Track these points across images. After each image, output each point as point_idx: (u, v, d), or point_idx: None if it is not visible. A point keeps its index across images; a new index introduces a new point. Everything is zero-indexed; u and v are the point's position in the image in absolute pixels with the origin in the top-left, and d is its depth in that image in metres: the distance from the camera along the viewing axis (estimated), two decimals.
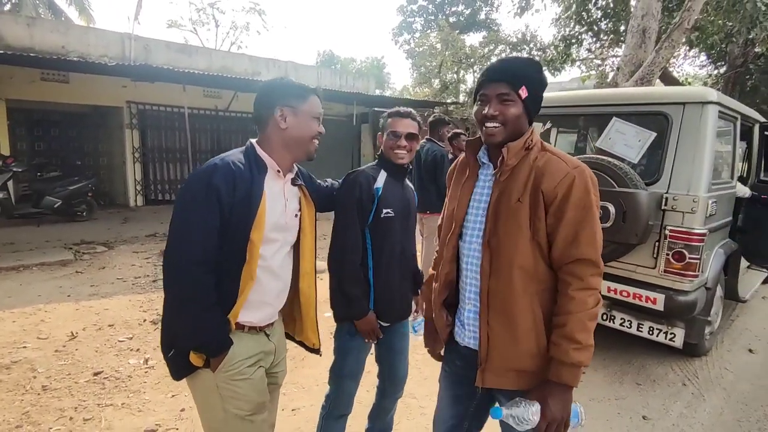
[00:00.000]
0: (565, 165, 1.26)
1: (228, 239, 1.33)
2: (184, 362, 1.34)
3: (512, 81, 1.28)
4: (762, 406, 2.78)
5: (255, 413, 1.43)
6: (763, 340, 3.72)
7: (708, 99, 2.83)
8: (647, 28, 9.43)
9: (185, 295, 1.30)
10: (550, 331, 1.26)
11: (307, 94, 1.48)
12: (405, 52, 22.59)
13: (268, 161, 1.44)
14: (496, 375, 1.33)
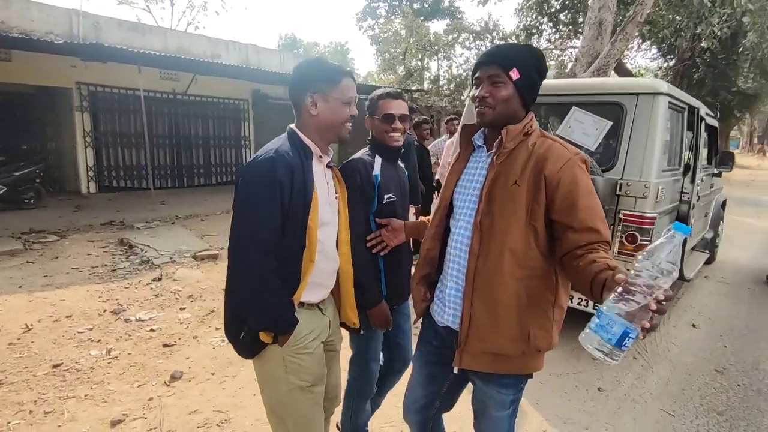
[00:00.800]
0: (566, 151, 1.30)
1: (289, 227, 1.39)
2: (255, 341, 1.43)
3: (503, 64, 1.31)
4: (703, 375, 3.03)
5: (315, 384, 1.52)
6: (705, 316, 4.03)
7: (659, 90, 3.00)
8: (603, 20, 9.73)
9: (255, 283, 1.36)
10: (533, 318, 1.29)
11: (339, 77, 1.47)
12: (369, 38, 22.41)
13: (312, 146, 1.49)
14: (474, 357, 1.35)
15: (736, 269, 5.52)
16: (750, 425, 2.51)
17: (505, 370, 1.36)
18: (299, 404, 1.51)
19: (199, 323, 3.62)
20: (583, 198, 1.24)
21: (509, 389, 1.40)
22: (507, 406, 1.41)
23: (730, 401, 2.74)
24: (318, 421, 1.58)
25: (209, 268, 4.95)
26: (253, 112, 12.18)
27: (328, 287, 1.61)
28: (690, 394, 2.80)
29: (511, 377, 1.39)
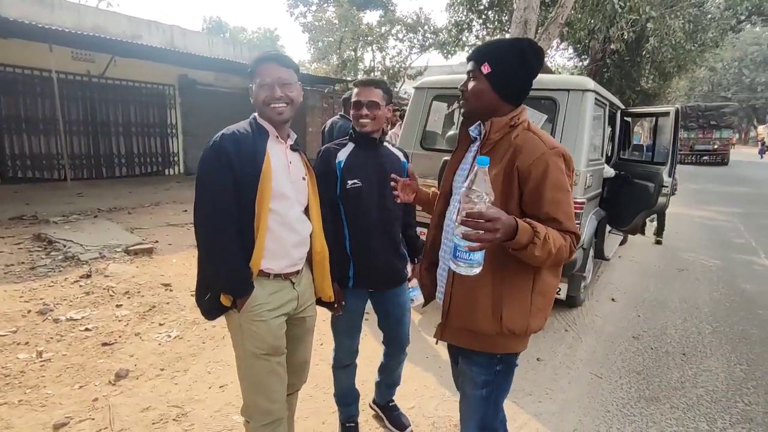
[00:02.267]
0: (542, 145, 1.32)
1: (241, 194, 1.51)
2: (217, 304, 1.57)
3: (477, 59, 1.38)
4: (623, 342, 3.42)
5: (270, 354, 1.61)
6: (621, 291, 4.52)
7: (587, 87, 3.31)
8: (528, 20, 10.31)
9: (213, 245, 1.52)
10: (509, 301, 1.35)
11: (256, 63, 1.59)
12: (301, 25, 21.84)
13: (268, 128, 1.62)
14: (454, 332, 1.46)
15: (643, 249, 6.21)
16: (662, 381, 2.89)
17: (479, 347, 1.43)
18: (254, 369, 1.61)
19: (140, 320, 3.44)
20: (549, 191, 1.29)
21: (480, 368, 1.46)
22: (479, 386, 1.46)
23: (646, 362, 3.13)
24: (275, 389, 1.65)
25: (144, 262, 4.67)
26: (180, 99, 11.48)
27: (294, 258, 1.66)
28: (613, 359, 3.16)
29: (482, 355, 1.45)
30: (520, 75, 1.38)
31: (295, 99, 1.60)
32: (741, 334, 3.59)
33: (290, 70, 1.59)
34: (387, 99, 1.98)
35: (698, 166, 20.47)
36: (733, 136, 21.94)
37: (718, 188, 13.37)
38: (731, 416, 2.54)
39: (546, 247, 1.23)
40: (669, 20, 12.95)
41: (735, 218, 8.64)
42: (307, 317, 1.79)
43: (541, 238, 1.22)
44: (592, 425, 2.42)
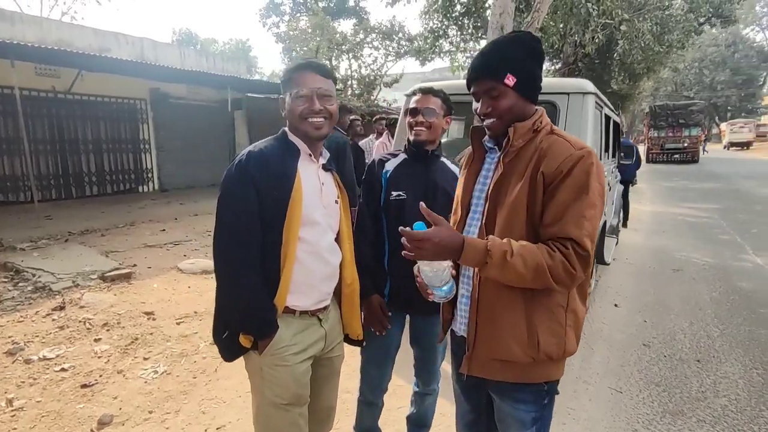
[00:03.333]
0: (570, 146, 1.21)
1: (265, 220, 1.36)
2: (235, 344, 1.40)
3: (495, 74, 1.24)
4: (635, 351, 3.32)
5: (291, 404, 1.44)
6: (622, 295, 4.45)
7: (587, 90, 3.22)
8: (504, 25, 10.33)
9: (233, 278, 1.35)
10: (542, 322, 1.22)
11: (291, 73, 1.44)
12: (274, 36, 21.60)
13: (300, 145, 1.45)
14: (482, 364, 1.30)
15: (635, 250, 6.20)
16: (683, 392, 2.79)
17: (514, 378, 1.28)
18: (272, 421, 1.44)
19: (122, 355, 3.15)
20: (564, 192, 1.16)
21: (528, 405, 1.30)
22: (528, 425, 1.31)
23: (662, 372, 3.02)
24: None
25: (122, 289, 4.36)
26: (153, 113, 11.08)
27: (323, 293, 1.50)
28: (629, 370, 3.05)
29: (526, 391, 1.30)
30: (537, 71, 1.30)
31: (334, 113, 1.44)
32: (749, 336, 3.54)
33: (329, 81, 1.44)
34: (446, 109, 1.85)
35: (670, 164, 21.01)
36: (701, 133, 22.62)
37: (693, 185, 13.69)
38: (760, 427, 2.44)
39: (511, 267, 1.11)
40: (638, 23, 13.29)
41: (715, 214, 8.79)
42: (334, 357, 1.61)
43: (496, 256, 1.12)
44: None
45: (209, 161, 12.09)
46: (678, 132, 21.31)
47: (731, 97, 44.38)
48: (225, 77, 10.69)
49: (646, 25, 13.64)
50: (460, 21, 14.62)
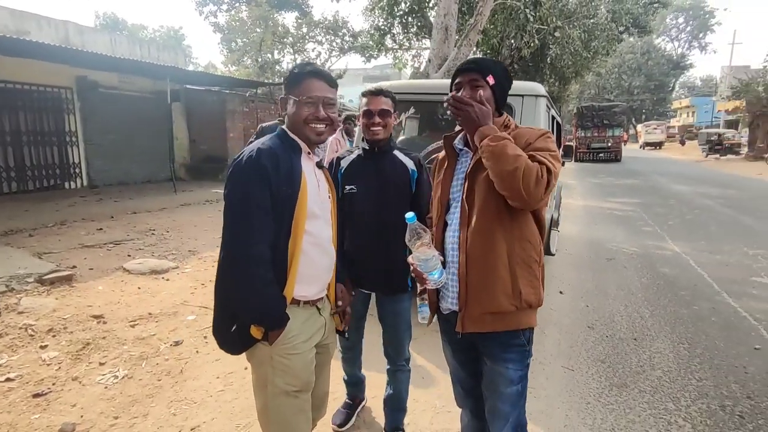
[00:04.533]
0: (535, 131, 1.49)
1: (277, 215, 1.40)
2: (245, 337, 1.42)
3: (481, 70, 1.50)
4: (581, 333, 3.63)
5: (301, 390, 1.50)
6: (565, 283, 4.81)
7: (540, 93, 3.46)
8: (448, 26, 10.69)
9: (247, 273, 1.37)
10: (522, 276, 1.44)
11: (300, 78, 1.48)
12: (212, 25, 20.68)
13: (299, 142, 1.51)
14: (474, 320, 1.48)
15: (573, 242, 6.70)
16: (625, 367, 3.10)
17: (503, 326, 1.48)
18: (284, 409, 1.49)
19: (74, 361, 2.97)
20: (534, 145, 1.41)
21: (516, 364, 1.52)
22: (515, 382, 1.52)
23: (606, 350, 3.34)
24: (302, 429, 1.54)
25: (64, 293, 4.07)
26: (80, 103, 10.27)
27: (325, 282, 1.59)
28: (577, 350, 3.34)
29: (514, 352, 1.51)
30: (508, 87, 1.58)
31: (335, 121, 1.52)
32: (674, 315, 3.99)
33: (334, 90, 1.52)
34: (394, 107, 2.04)
35: (596, 162, 22.62)
36: (624, 133, 24.52)
37: (617, 181, 14.92)
38: (690, 393, 2.79)
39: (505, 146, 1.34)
40: (569, 30, 14.21)
41: (638, 208, 9.67)
42: (330, 344, 1.70)
43: (501, 134, 1.37)
44: (579, 419, 2.52)
45: (144, 156, 11.43)
46: (603, 132, 22.92)
47: (646, 100, 48.63)
48: (164, 67, 10.14)
49: (575, 32, 14.62)
50: (405, 19, 14.86)
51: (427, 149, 3.44)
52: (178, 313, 3.80)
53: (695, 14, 48.19)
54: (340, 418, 2.38)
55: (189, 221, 7.36)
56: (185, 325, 3.57)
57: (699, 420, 2.52)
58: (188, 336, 3.39)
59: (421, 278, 1.50)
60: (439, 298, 1.60)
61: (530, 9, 11.75)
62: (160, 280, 4.59)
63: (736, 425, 2.48)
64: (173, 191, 10.13)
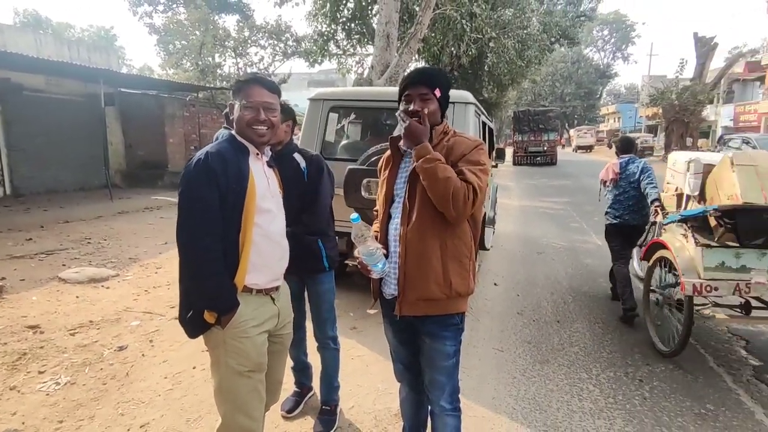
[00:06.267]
0: (470, 141, 1.69)
1: (227, 211, 1.54)
2: (200, 321, 1.56)
3: (429, 84, 1.68)
4: (511, 318, 3.98)
5: (253, 371, 1.63)
6: (500, 275, 5.20)
7: (468, 100, 3.78)
8: (390, 34, 11.03)
9: (198, 264, 1.52)
10: (453, 268, 1.64)
11: (242, 85, 1.63)
12: (147, 26, 19.87)
13: (247, 145, 1.65)
14: (411, 305, 1.68)
15: (508, 238, 7.18)
16: (548, 345, 3.47)
17: (435, 311, 1.69)
18: (237, 388, 1.61)
19: (11, 371, 2.90)
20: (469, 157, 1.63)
21: (450, 340, 1.74)
22: (451, 356, 1.75)
23: (532, 333, 3.70)
24: (255, 406, 1.67)
25: None
26: (2, 107, 9.61)
27: (276, 272, 1.73)
28: (507, 334, 3.67)
29: (449, 330, 1.73)
30: (448, 96, 1.78)
31: (276, 123, 1.68)
32: (592, 300, 4.46)
33: (275, 96, 1.66)
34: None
35: (533, 166, 23.84)
36: (558, 138, 25.91)
37: (551, 182, 15.92)
38: (601, 364, 3.18)
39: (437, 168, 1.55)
40: (504, 40, 15.05)
41: (568, 206, 10.44)
42: (285, 335, 1.83)
43: (434, 155, 1.57)
44: (505, 391, 2.82)
45: (76, 162, 10.86)
46: (539, 136, 24.14)
47: (577, 107, 51.94)
48: (97, 69, 9.73)
49: (510, 42, 15.50)
50: (347, 26, 15.08)
51: (368, 152, 3.66)
52: (121, 319, 3.76)
53: (618, 27, 52.21)
54: (289, 405, 2.53)
55: (128, 229, 7.14)
56: (129, 331, 3.55)
57: (606, 385, 2.91)
58: (133, 341, 3.38)
59: (366, 270, 1.69)
60: (382, 284, 1.79)
61: (467, 20, 12.36)
62: (100, 288, 4.48)
63: (636, 387, 2.88)
64: (109, 199, 9.72)
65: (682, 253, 3.08)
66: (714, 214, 2.92)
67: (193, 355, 3.15)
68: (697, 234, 3.04)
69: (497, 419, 2.54)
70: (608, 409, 2.66)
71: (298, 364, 2.62)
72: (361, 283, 4.50)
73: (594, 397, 2.78)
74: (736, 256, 2.89)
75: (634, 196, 3.99)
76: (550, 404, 2.69)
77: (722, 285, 2.83)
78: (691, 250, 3.02)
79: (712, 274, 2.87)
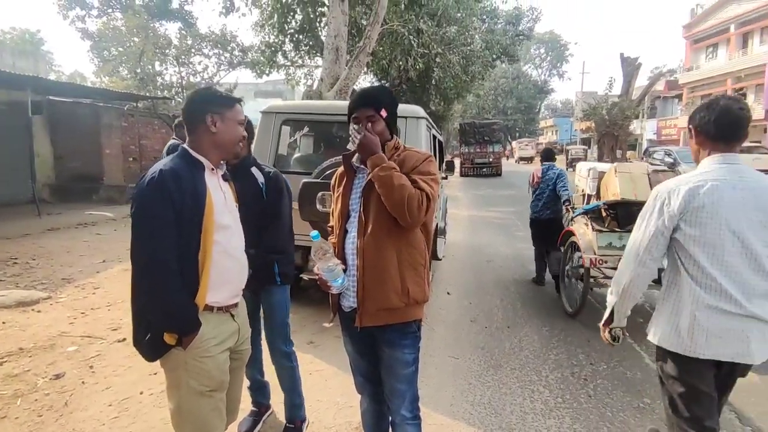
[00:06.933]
0: (420, 154, 1.78)
1: (184, 230, 1.50)
2: (159, 343, 1.51)
3: (376, 106, 1.75)
4: (465, 326, 4.10)
5: (215, 390, 1.60)
6: (452, 284, 5.33)
7: (420, 115, 3.90)
8: (339, 47, 11.14)
9: (157, 284, 1.48)
10: (410, 277, 1.70)
11: (232, 102, 1.65)
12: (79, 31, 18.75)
13: (203, 161, 1.62)
14: (370, 315, 1.72)
15: (458, 247, 7.38)
16: (500, 350, 3.60)
17: (395, 319, 1.73)
18: (198, 408, 1.58)
19: None
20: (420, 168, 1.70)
21: (410, 348, 1.79)
22: (410, 364, 1.80)
23: (485, 339, 3.83)
24: (216, 425, 1.65)
25: None
26: None
27: (236, 288, 1.71)
28: (462, 341, 3.77)
29: (408, 338, 1.77)
30: (396, 113, 1.86)
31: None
32: (539, 304, 4.68)
33: None
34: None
35: (480, 177, 24.56)
36: (503, 149, 26.95)
37: (497, 192, 16.56)
38: (549, 365, 3.35)
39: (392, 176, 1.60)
40: (449, 55, 15.59)
41: (513, 216, 10.88)
42: (244, 350, 1.81)
43: (389, 164, 1.63)
44: (462, 397, 2.89)
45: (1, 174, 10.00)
46: (484, 148, 24.98)
47: (518, 120, 54.52)
48: (24, 76, 9.03)
49: (455, 58, 16.09)
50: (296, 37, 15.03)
51: (322, 165, 3.67)
52: (56, 345, 3.49)
53: (553, 46, 55.62)
54: (246, 425, 2.46)
55: (60, 247, 6.64)
56: (66, 357, 3.31)
57: (555, 386, 3.06)
58: (71, 368, 3.15)
59: (326, 285, 1.71)
60: (341, 298, 1.81)
61: (414, 36, 12.71)
62: (30, 312, 4.14)
63: (581, 386, 3.06)
64: (36, 215, 9.00)
65: (583, 237, 4.10)
66: (604, 207, 4.06)
67: (139, 380, 2.98)
68: (593, 222, 4.07)
69: (455, 425, 2.61)
70: (558, 408, 2.80)
71: (255, 384, 2.55)
72: (316, 297, 4.46)
73: (544, 398, 2.91)
74: (619, 238, 3.87)
75: (550, 196, 5.01)
76: (504, 407, 2.79)
77: (609, 259, 3.81)
78: (590, 235, 4.04)
79: (603, 252, 3.87)
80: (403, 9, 12.71)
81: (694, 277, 1.64)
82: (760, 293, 1.60)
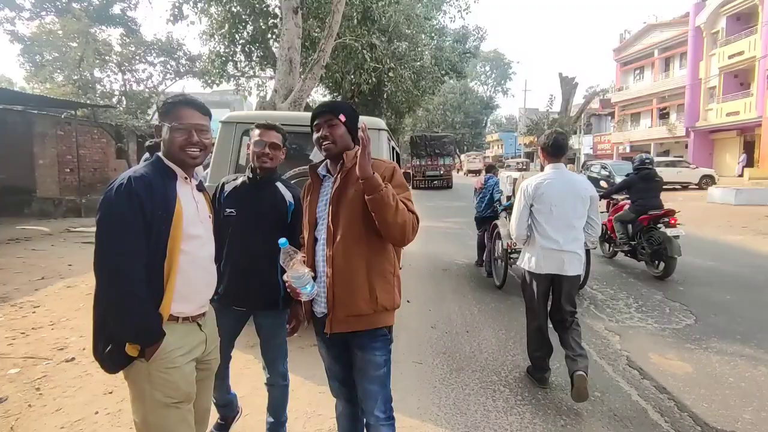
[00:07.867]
0: (383, 162, 1.83)
1: (151, 238, 1.47)
2: (121, 355, 1.46)
3: (334, 111, 1.81)
4: (426, 332, 4.20)
5: (182, 401, 1.55)
6: (411, 293, 5.44)
7: (381, 127, 4.01)
8: (293, 59, 11.14)
9: (120, 294, 1.43)
10: (378, 284, 1.74)
11: (171, 107, 1.59)
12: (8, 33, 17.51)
13: (175, 169, 1.60)
14: (340, 322, 1.76)
15: (415, 257, 7.53)
16: (461, 354, 3.73)
17: (364, 326, 1.77)
18: (165, 420, 1.53)
19: None
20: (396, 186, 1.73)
21: (381, 351, 1.83)
22: (382, 366, 1.84)
23: (446, 344, 3.95)
24: None
25: None
26: None
27: (204, 299, 1.69)
28: (424, 347, 3.87)
29: (379, 341, 1.82)
30: (356, 123, 1.87)
31: (209, 145, 1.65)
32: (495, 309, 4.88)
33: (206, 117, 1.64)
34: (284, 142, 2.28)
35: (431, 189, 25.00)
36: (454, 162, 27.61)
37: (448, 204, 17.01)
38: (507, 366, 3.51)
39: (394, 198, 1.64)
40: (401, 70, 15.98)
41: (465, 225, 11.23)
42: (212, 360, 1.77)
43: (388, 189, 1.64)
44: (428, 400, 2.98)
45: None
46: (435, 161, 25.51)
47: (466, 134, 56.37)
48: None
49: (406, 73, 16.52)
50: (247, 48, 14.85)
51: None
52: None
53: (498, 64, 58.30)
54: None
55: None
56: (8, 380, 3.08)
57: (514, 385, 3.22)
58: (14, 391, 2.94)
59: (296, 293, 1.73)
60: (313, 304, 1.85)
61: (367, 50, 12.93)
62: None
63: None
64: None
65: (503, 228, 5.42)
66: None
67: (93, 400, 2.83)
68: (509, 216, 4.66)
69: (424, 427, 2.68)
70: (518, 405, 2.95)
71: (222, 402, 2.45)
72: None
73: (505, 396, 3.06)
74: None
75: (489, 199, 6.37)
76: (468, 407, 2.91)
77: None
78: (507, 226, 4.64)
79: None
80: (356, 24, 12.91)
81: (539, 231, 3.05)
82: (571, 239, 3.00)
